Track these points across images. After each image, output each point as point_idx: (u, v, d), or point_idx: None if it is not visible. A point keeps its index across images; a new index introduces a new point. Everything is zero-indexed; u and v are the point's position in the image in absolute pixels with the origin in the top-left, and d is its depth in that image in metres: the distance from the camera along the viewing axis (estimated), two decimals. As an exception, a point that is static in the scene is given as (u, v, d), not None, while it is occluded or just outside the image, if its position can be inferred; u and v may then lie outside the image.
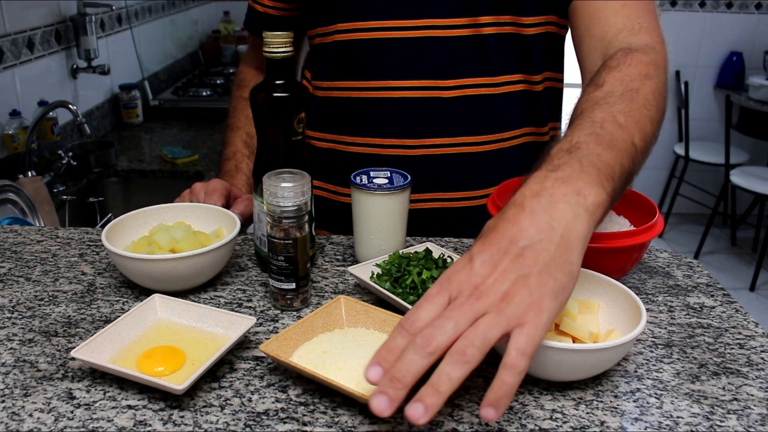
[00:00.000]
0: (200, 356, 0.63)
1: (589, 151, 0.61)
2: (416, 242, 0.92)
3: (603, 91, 0.72)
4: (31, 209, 1.58)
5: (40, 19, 1.93)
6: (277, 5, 1.05)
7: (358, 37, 0.95)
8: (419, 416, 0.49)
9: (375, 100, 0.96)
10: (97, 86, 2.32)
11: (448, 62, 0.93)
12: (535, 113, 1.01)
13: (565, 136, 0.66)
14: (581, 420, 0.57)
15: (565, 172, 0.59)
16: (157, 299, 0.70)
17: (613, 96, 0.71)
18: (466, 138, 0.96)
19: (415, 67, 0.94)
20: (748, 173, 3.42)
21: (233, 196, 0.95)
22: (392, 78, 0.94)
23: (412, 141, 0.96)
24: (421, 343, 0.50)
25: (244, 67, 1.19)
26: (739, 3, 3.81)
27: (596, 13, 0.87)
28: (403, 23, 0.93)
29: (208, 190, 0.92)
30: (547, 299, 0.52)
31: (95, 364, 0.60)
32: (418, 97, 0.94)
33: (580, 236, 0.56)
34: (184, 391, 0.57)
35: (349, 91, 0.98)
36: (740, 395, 0.62)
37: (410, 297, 0.72)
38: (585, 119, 0.67)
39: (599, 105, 0.69)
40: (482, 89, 0.95)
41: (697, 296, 0.80)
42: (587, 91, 0.74)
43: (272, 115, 0.76)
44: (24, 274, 0.82)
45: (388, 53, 0.94)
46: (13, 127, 1.77)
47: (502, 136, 0.98)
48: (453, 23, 0.92)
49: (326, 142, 1.03)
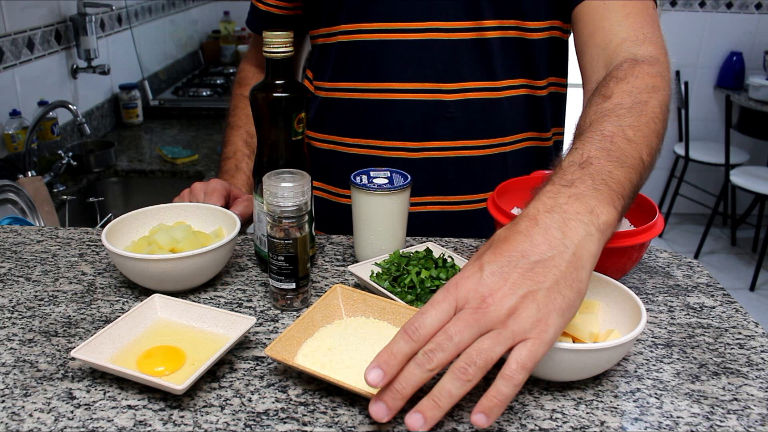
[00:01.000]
0: (200, 356, 0.63)
1: (601, 167, 0.62)
2: (416, 242, 0.92)
3: (612, 103, 0.72)
4: (31, 209, 1.58)
5: (40, 19, 1.93)
6: (280, 4, 1.05)
7: (361, 38, 0.94)
8: (418, 427, 0.51)
9: (377, 102, 0.96)
10: (97, 86, 2.32)
11: (451, 65, 0.93)
12: (538, 118, 1.00)
13: (575, 147, 0.66)
14: (581, 420, 0.57)
15: (578, 189, 0.59)
16: (157, 299, 0.70)
17: (622, 108, 0.71)
18: (468, 141, 0.96)
19: (417, 70, 0.93)
20: (748, 173, 3.42)
21: (233, 196, 0.95)
22: (395, 80, 0.94)
23: (413, 144, 0.96)
24: (423, 360, 0.51)
25: (245, 65, 1.19)
26: (739, 3, 3.81)
27: (600, 21, 0.86)
28: (406, 25, 0.92)
29: (207, 191, 0.92)
30: (554, 316, 0.52)
31: (95, 364, 0.60)
32: (420, 99, 0.94)
33: (591, 255, 0.57)
34: (184, 391, 0.57)
35: (351, 92, 0.98)
36: (740, 395, 0.62)
37: (408, 296, 0.72)
38: (595, 132, 0.67)
39: (608, 117, 0.69)
40: (485, 93, 0.95)
41: (697, 296, 0.80)
42: (595, 101, 0.74)
43: (272, 115, 0.76)
44: (24, 274, 0.82)
45: (391, 55, 0.93)
46: (13, 127, 1.77)
47: (503, 140, 0.98)
48: (456, 26, 0.92)
49: (326, 143, 1.03)
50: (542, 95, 0.99)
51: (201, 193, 0.92)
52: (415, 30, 0.92)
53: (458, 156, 0.96)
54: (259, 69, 1.17)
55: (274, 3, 1.06)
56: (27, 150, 1.73)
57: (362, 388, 0.56)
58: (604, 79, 0.79)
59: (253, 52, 1.18)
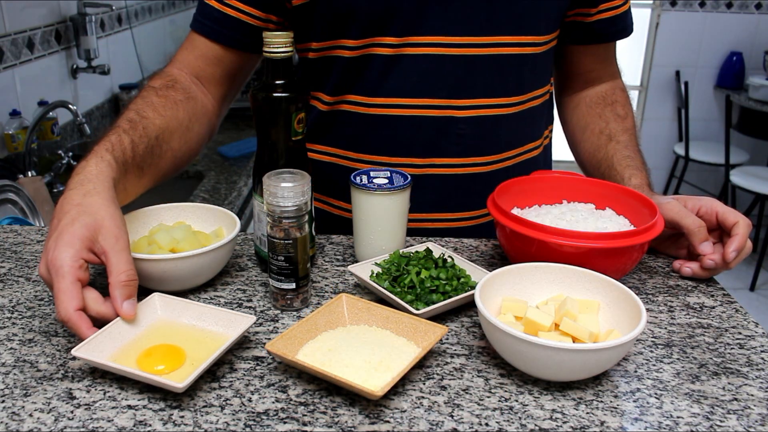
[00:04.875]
0: (200, 355, 0.63)
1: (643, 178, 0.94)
2: (416, 242, 0.92)
3: (630, 124, 1.03)
4: (31, 209, 1.58)
5: (40, 19, 1.93)
6: (254, 12, 0.91)
7: (371, 52, 0.90)
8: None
9: (384, 117, 0.92)
10: (97, 86, 2.32)
11: (464, 81, 0.90)
12: (536, 128, 1.01)
13: (627, 171, 0.94)
14: (581, 420, 0.58)
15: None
16: (157, 298, 0.70)
17: (634, 129, 1.03)
18: (476, 158, 0.94)
19: (429, 86, 0.90)
20: (748, 173, 3.42)
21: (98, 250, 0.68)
22: (405, 96, 0.91)
23: (420, 160, 0.93)
24: None
25: (173, 70, 0.94)
26: (739, 3, 3.81)
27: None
28: (418, 39, 0.88)
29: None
30: None
31: (96, 362, 0.60)
32: (430, 116, 0.91)
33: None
34: (184, 389, 0.57)
35: (356, 106, 0.94)
36: (740, 395, 0.62)
37: (408, 296, 0.72)
38: (636, 156, 0.97)
39: (634, 135, 1.02)
40: (495, 110, 0.93)
41: (697, 296, 0.80)
42: (614, 118, 1.03)
43: (272, 115, 0.76)
44: (24, 274, 0.82)
45: (401, 70, 0.90)
46: (13, 127, 1.77)
47: (508, 155, 0.97)
48: (472, 42, 0.89)
49: (327, 156, 0.99)
50: (540, 104, 0.99)
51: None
52: (428, 44, 0.89)
53: (465, 173, 0.94)
54: (191, 76, 0.95)
55: (248, 10, 0.91)
56: (27, 150, 1.73)
57: (362, 386, 0.56)
58: (613, 96, 1.06)
59: (192, 58, 0.95)
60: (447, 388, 0.61)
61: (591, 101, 1.06)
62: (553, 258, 0.73)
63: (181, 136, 0.88)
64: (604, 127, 1.02)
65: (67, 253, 0.64)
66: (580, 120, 1.06)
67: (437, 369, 0.64)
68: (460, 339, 0.69)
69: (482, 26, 0.89)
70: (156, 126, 0.84)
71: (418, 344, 0.65)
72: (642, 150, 1.00)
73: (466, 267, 0.79)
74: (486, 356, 0.66)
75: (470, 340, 0.69)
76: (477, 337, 0.70)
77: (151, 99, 0.87)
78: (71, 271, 0.63)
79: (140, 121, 0.83)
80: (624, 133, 1.00)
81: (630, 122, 1.03)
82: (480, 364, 0.65)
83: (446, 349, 0.68)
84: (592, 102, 1.05)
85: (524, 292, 0.71)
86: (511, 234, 0.77)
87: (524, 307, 0.67)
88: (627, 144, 0.98)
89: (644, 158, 0.98)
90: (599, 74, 1.07)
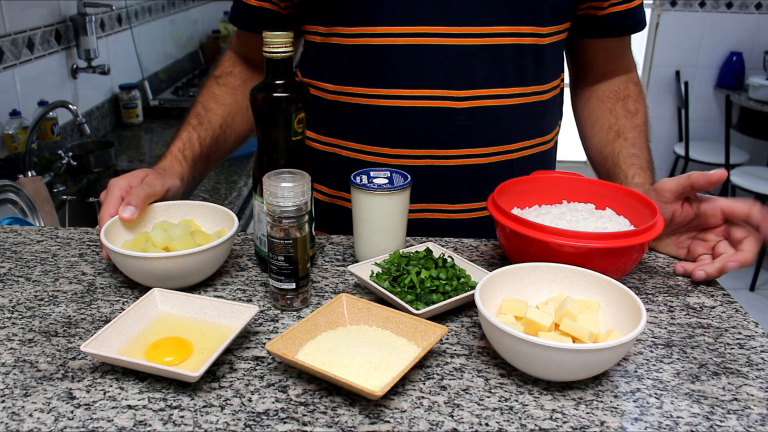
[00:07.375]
0: (207, 345, 0.64)
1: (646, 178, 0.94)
2: (416, 242, 0.92)
3: (640, 120, 1.02)
4: (31, 209, 1.58)
5: (40, 19, 1.93)
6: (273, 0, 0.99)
7: (367, 42, 0.91)
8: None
9: (383, 108, 0.93)
10: (97, 86, 2.32)
11: (463, 72, 0.90)
12: (544, 122, 1.00)
13: (631, 169, 0.94)
14: (581, 420, 0.58)
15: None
16: (157, 293, 0.71)
17: (645, 125, 1.02)
18: (474, 150, 0.94)
19: (427, 76, 0.90)
20: (748, 173, 3.41)
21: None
22: (403, 86, 0.91)
23: (418, 151, 0.94)
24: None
25: (230, 55, 1.10)
26: (739, 3, 3.81)
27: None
28: (416, 29, 0.89)
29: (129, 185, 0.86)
30: None
31: (107, 357, 0.60)
32: (429, 107, 0.91)
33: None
34: (198, 377, 0.57)
35: (355, 97, 0.94)
36: (740, 395, 0.62)
37: (408, 296, 0.72)
38: (643, 154, 0.97)
39: (644, 132, 1.01)
40: (495, 101, 0.93)
41: (697, 296, 0.80)
42: (624, 114, 1.02)
43: (272, 115, 0.76)
44: (24, 274, 0.82)
45: (400, 60, 0.90)
46: (13, 127, 1.77)
47: (510, 148, 0.96)
48: (470, 31, 0.89)
49: (326, 146, 1.00)
50: (548, 98, 0.99)
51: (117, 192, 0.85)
52: (426, 34, 0.89)
53: (464, 164, 0.94)
54: (244, 61, 1.09)
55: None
56: (27, 150, 1.73)
57: (362, 386, 0.56)
58: (624, 93, 1.05)
59: (239, 45, 1.09)
60: (447, 388, 0.61)
61: (602, 95, 1.05)
62: (553, 258, 0.73)
63: (242, 117, 1.05)
64: (613, 122, 1.02)
65: (120, 180, 0.85)
66: (591, 114, 1.06)
67: (437, 369, 0.64)
68: (460, 339, 0.69)
69: (478, 16, 0.89)
70: (219, 116, 1.02)
71: (418, 344, 0.65)
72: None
73: (466, 267, 0.79)
74: (486, 356, 0.66)
75: (470, 340, 0.69)
76: (477, 337, 0.70)
77: (213, 90, 1.04)
78: (113, 189, 0.84)
79: (205, 115, 1.01)
80: (633, 129, 1.00)
81: (640, 119, 1.02)
82: (480, 364, 0.65)
83: (446, 349, 0.68)
84: (603, 96, 1.05)
85: (524, 292, 0.71)
86: (511, 234, 0.77)
87: (524, 307, 0.67)
88: (635, 142, 0.98)
89: (651, 156, 0.98)
90: (612, 68, 1.06)
